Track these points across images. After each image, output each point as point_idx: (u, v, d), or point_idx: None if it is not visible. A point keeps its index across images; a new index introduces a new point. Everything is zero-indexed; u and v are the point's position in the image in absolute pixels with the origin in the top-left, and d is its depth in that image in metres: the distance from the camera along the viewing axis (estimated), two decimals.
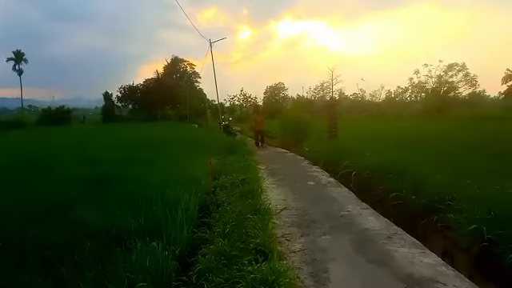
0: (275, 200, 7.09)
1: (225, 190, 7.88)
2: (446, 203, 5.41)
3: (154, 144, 14.31)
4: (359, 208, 6.42)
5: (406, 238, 4.86)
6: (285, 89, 64.14)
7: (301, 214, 6.14)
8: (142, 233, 4.75)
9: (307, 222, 5.65)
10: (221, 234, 5.16)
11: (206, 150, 13.21)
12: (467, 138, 12.73)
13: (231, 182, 8.40)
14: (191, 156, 10.84)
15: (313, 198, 7.25)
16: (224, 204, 6.83)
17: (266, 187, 8.29)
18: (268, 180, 9.15)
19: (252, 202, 6.18)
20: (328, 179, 9.19)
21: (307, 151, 13.44)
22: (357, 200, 7.05)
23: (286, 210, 6.36)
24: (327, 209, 6.40)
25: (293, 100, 57.56)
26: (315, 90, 54.40)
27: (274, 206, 6.55)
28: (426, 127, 19.80)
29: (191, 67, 64.78)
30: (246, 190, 7.38)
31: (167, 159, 10.09)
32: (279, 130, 20.18)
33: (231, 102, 62.98)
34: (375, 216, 5.92)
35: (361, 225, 5.49)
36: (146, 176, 7.35)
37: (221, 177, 9.07)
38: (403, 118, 36.23)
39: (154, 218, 5.17)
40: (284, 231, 5.27)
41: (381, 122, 28.62)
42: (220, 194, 7.58)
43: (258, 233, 4.72)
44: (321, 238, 4.97)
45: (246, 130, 34.15)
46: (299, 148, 15.13)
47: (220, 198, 7.23)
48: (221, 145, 15.71)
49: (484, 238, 4.23)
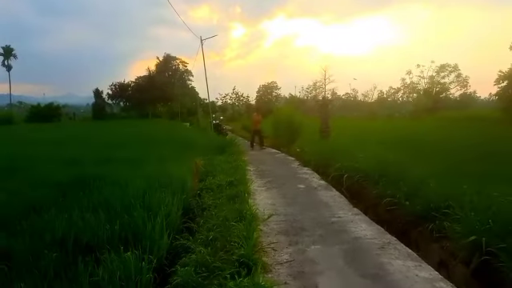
0: (263, 204, 6.77)
1: (211, 192, 7.55)
2: (442, 210, 5.13)
3: (141, 142, 13.90)
4: (351, 214, 6.11)
5: (401, 249, 4.55)
6: (277, 88, 63.91)
7: (289, 220, 5.81)
8: (116, 241, 4.40)
9: (296, 230, 5.33)
10: (204, 241, 4.84)
11: (194, 149, 12.86)
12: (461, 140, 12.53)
13: (218, 184, 8.07)
14: (179, 155, 10.47)
15: (302, 202, 6.93)
16: (210, 208, 6.51)
17: (254, 190, 7.98)
18: (257, 182, 8.83)
19: (238, 207, 5.85)
20: (319, 182, 8.88)
21: (298, 152, 13.12)
22: (348, 205, 6.74)
23: (274, 215, 6.03)
24: (317, 214, 6.09)
25: (285, 99, 57.30)
26: (308, 89, 54.19)
27: (261, 211, 6.24)
28: (419, 128, 19.62)
29: (183, 65, 64.05)
30: (233, 193, 7.06)
31: (153, 159, 9.71)
32: (270, 130, 19.85)
33: (223, 100, 62.57)
34: (368, 223, 5.61)
35: (353, 233, 5.18)
36: (128, 177, 6.97)
37: (208, 178, 8.73)
38: (395, 119, 36.18)
39: (131, 225, 4.81)
40: (271, 239, 4.94)
41: (373, 122, 28.45)
42: (206, 196, 7.25)
43: (243, 242, 4.40)
44: (310, 247, 4.65)
45: (237, 129, 33.86)
46: (290, 148, 14.82)
47: (206, 202, 6.90)
48: (210, 144, 15.35)
49: (483, 250, 3.94)
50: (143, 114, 51.07)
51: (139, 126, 26.92)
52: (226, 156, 12.69)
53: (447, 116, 29.26)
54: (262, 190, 8.10)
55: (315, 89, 53.05)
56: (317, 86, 52.23)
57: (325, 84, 48.25)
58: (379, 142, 11.25)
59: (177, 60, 64.52)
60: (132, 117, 50.40)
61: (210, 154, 12.43)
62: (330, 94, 49.75)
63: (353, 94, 55.07)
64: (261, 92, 63.82)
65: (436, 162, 7.85)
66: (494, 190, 5.29)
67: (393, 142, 11.21)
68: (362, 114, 41.93)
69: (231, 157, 12.35)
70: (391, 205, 6.05)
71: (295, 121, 17.08)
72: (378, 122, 29.09)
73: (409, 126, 21.97)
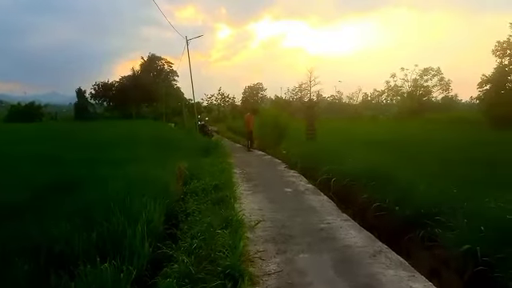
0: (250, 209, 6.56)
1: (196, 196, 7.32)
2: (433, 216, 5.01)
3: (124, 144, 13.51)
4: (340, 220, 5.95)
5: (392, 257, 4.40)
6: (263, 89, 63.82)
7: (277, 226, 5.62)
8: (93, 251, 4.13)
9: (284, 237, 5.13)
10: (188, 249, 4.61)
11: (179, 151, 12.55)
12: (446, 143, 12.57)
13: (203, 187, 7.84)
14: (162, 158, 10.17)
15: (290, 207, 6.74)
16: (194, 213, 6.27)
17: (240, 194, 7.77)
18: (243, 186, 8.61)
19: (224, 213, 5.63)
20: (306, 185, 8.71)
21: (285, 154, 12.96)
22: (337, 210, 6.59)
23: (262, 221, 5.83)
24: (306, 220, 5.91)
25: (271, 101, 57.22)
26: (293, 91, 54.22)
27: (248, 216, 6.03)
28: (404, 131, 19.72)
29: (169, 65, 63.47)
30: (219, 198, 6.85)
31: (136, 161, 9.40)
32: (256, 131, 19.64)
33: (208, 101, 62.14)
34: (357, 230, 5.46)
35: (342, 240, 5.01)
36: (108, 180, 6.66)
37: (192, 181, 8.49)
38: (380, 121, 36.47)
39: (110, 232, 4.54)
40: (258, 248, 4.73)
41: (358, 124, 28.55)
42: (190, 201, 7.02)
43: (229, 252, 4.19)
44: (299, 256, 4.46)
45: (223, 130, 33.59)
46: (277, 150, 14.64)
47: (190, 206, 6.66)
48: (195, 146, 15.07)
49: (478, 259, 3.81)
50: (127, 115, 50.31)
51: (122, 127, 26.38)
52: (211, 158, 12.46)
53: (431, 118, 29.64)
54: (249, 193, 7.89)
55: (301, 90, 53.14)
56: (302, 87, 52.36)
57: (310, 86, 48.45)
58: (366, 145, 11.18)
59: (162, 60, 63.89)
60: (115, 117, 49.60)
61: (194, 156, 12.16)
62: (315, 95, 49.92)
63: (338, 96, 55.41)
64: (247, 93, 63.63)
65: (423, 165, 7.78)
66: (483, 195, 5.23)
67: (379, 145, 11.15)
68: (347, 115, 42.15)
69: (217, 159, 12.12)
70: (380, 210, 5.93)
71: (281, 122, 16.93)
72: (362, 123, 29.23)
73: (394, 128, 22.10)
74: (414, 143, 11.64)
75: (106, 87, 57.78)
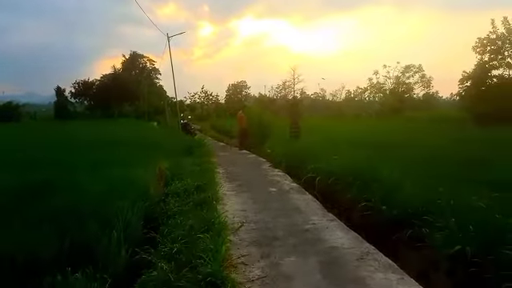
0: (233, 211, 6.36)
1: (177, 197, 7.07)
2: (420, 215, 4.90)
3: (104, 144, 13.10)
4: (325, 220, 5.80)
5: (380, 259, 4.26)
6: (247, 87, 63.56)
7: (261, 228, 5.43)
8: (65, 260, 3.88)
9: (268, 239, 4.95)
10: (167, 254, 4.38)
11: (161, 150, 12.24)
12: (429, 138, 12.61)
13: (185, 188, 7.60)
14: (143, 158, 9.86)
15: (275, 207, 6.57)
16: (175, 215, 6.04)
17: (223, 194, 7.56)
18: (226, 186, 8.40)
19: (206, 215, 5.42)
20: (291, 184, 8.56)
21: (269, 153, 12.78)
22: (322, 209, 6.44)
23: (245, 223, 5.65)
24: (290, 221, 5.73)
25: (255, 99, 57.03)
26: (277, 88, 54.14)
27: (231, 218, 5.83)
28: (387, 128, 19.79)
29: (151, 63, 62.63)
30: (201, 199, 6.63)
31: (115, 162, 9.08)
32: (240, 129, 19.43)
33: (191, 99, 61.57)
34: (343, 230, 5.31)
35: (328, 241, 4.85)
36: (84, 183, 6.36)
37: (174, 182, 8.23)
38: (362, 118, 36.68)
39: (83, 240, 4.28)
40: (241, 252, 4.53)
41: (341, 121, 28.62)
42: (171, 202, 6.76)
43: (210, 256, 3.98)
44: (284, 259, 4.28)
45: (206, 128, 33.26)
46: (261, 149, 14.46)
47: (171, 208, 6.42)
48: (178, 145, 14.76)
49: (468, 260, 3.70)
50: (108, 114, 49.38)
51: (102, 126, 25.84)
52: (194, 157, 12.19)
53: (413, 116, 29.94)
54: (232, 194, 7.69)
55: (284, 88, 53.11)
56: (286, 85, 52.34)
57: (294, 84, 48.47)
58: (349, 143, 11.09)
59: (144, 58, 63.02)
60: (96, 116, 48.65)
61: (177, 156, 11.87)
62: (298, 93, 49.96)
63: (321, 93, 55.55)
64: (230, 91, 63.29)
65: (408, 163, 7.70)
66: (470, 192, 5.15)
67: (363, 143, 11.08)
68: (331, 113, 42.29)
69: (199, 158, 11.87)
70: (367, 209, 5.80)
71: (265, 121, 16.77)
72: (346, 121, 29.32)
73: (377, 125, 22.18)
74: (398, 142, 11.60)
75: (87, 86, 56.64)
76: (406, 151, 9.57)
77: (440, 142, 11.69)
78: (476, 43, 24.89)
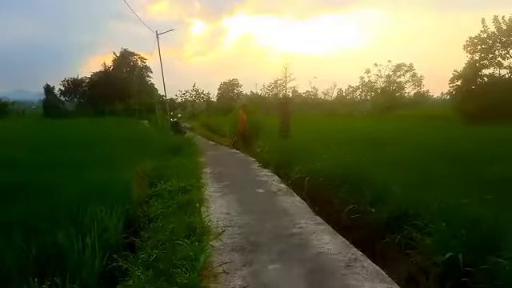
0: (217, 213, 6.13)
1: (161, 199, 6.83)
2: (410, 219, 4.72)
3: (89, 143, 12.77)
4: (313, 223, 5.59)
5: (368, 266, 4.06)
6: (239, 85, 63.17)
7: (246, 232, 5.20)
8: (31, 268, 3.63)
9: (252, 245, 4.72)
10: (146, 261, 4.15)
11: (149, 149, 11.96)
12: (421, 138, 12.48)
13: (170, 189, 7.37)
14: (130, 157, 9.60)
15: (261, 210, 6.35)
16: (157, 218, 5.81)
17: (209, 196, 7.33)
18: (212, 187, 8.17)
19: (188, 219, 5.19)
20: (279, 185, 8.34)
21: (258, 152, 12.56)
22: (310, 212, 6.23)
23: (229, 227, 5.42)
24: (277, 225, 5.52)
25: (246, 97, 56.70)
26: (269, 87, 53.87)
27: (215, 222, 5.61)
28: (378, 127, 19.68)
29: (142, 61, 62.03)
30: (185, 201, 6.40)
31: (100, 161, 8.81)
32: (230, 128, 19.18)
33: (182, 97, 61.07)
34: (331, 235, 5.11)
35: (315, 247, 4.64)
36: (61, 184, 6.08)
37: (159, 183, 7.98)
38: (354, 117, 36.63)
39: (54, 247, 4.03)
40: (223, 258, 4.31)
41: (333, 119, 28.49)
42: (155, 204, 6.53)
43: (189, 265, 3.76)
44: (267, 267, 4.06)
45: (197, 126, 32.93)
46: (251, 148, 14.23)
47: (154, 211, 6.19)
48: (166, 144, 14.46)
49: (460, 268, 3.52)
50: (99, 112, 48.81)
51: (91, 124, 25.43)
52: (181, 157, 11.92)
53: (404, 114, 29.92)
54: (218, 195, 7.45)
55: (276, 87, 52.88)
56: (278, 83, 52.11)
57: (286, 82, 48.27)
58: (340, 142, 10.90)
59: (135, 56, 62.40)
60: (86, 114, 47.96)
61: (164, 155, 11.60)
62: (290, 91, 49.78)
63: (313, 92, 55.31)
64: (222, 89, 62.89)
65: (399, 163, 7.53)
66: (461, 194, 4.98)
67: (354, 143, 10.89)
68: (323, 111, 42.18)
69: (187, 158, 11.61)
70: (355, 212, 5.62)
71: (256, 119, 16.55)
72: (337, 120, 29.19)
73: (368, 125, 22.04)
74: (388, 140, 11.44)
75: (76, 83, 56.08)
76: (396, 150, 9.41)
77: (431, 140, 11.56)
78: (467, 42, 24.86)
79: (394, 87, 46.16)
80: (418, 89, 47.81)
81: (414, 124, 20.14)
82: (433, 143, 10.79)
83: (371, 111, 40.43)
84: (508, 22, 23.65)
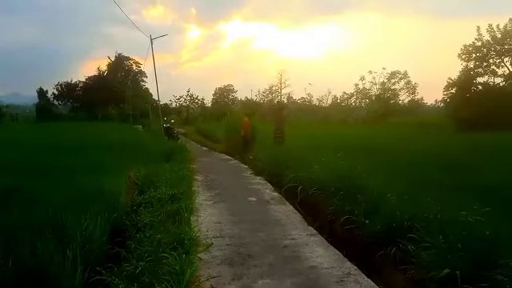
0: (207, 223, 5.95)
1: (150, 208, 6.62)
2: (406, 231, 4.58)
3: (79, 148, 12.53)
4: (306, 234, 5.42)
5: (362, 281, 3.89)
6: (234, 91, 63.15)
7: (236, 243, 5.02)
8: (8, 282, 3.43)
9: (242, 257, 4.54)
10: (131, 274, 3.96)
11: (140, 155, 11.75)
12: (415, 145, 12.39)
13: (160, 197, 7.16)
14: (120, 163, 9.40)
15: (253, 219, 6.17)
16: (145, 228, 5.61)
17: (200, 204, 7.14)
18: (203, 195, 7.97)
19: (176, 230, 4.99)
20: (272, 194, 8.17)
21: (251, 159, 12.38)
22: (303, 222, 6.06)
23: (220, 238, 5.24)
24: (268, 235, 5.34)
25: (241, 102, 56.63)
26: (264, 93, 53.86)
27: (204, 232, 5.42)
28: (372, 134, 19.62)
29: (137, 66, 61.89)
30: (175, 210, 6.21)
31: (90, 167, 8.60)
32: (224, 134, 19.01)
33: (177, 102, 60.91)
34: (324, 246, 4.94)
35: (307, 260, 4.47)
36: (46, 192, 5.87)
37: (149, 190, 7.77)
38: (349, 123, 36.65)
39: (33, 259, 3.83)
40: (212, 272, 4.12)
41: (327, 126, 28.45)
42: (143, 213, 6.32)
43: (175, 279, 3.58)
44: (257, 282, 3.88)
45: (191, 132, 32.75)
46: (244, 155, 14.04)
47: (142, 220, 5.98)
48: (158, 150, 14.25)
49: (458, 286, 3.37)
50: (92, 116, 48.46)
51: (84, 129, 25.16)
52: (173, 163, 11.71)
53: (399, 122, 29.93)
54: (209, 204, 7.26)
55: (271, 93, 52.89)
56: (273, 90, 52.14)
57: (281, 88, 48.29)
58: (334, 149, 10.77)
59: (130, 60, 62.23)
60: (80, 118, 47.65)
61: (156, 161, 11.39)
62: (285, 98, 49.79)
63: (308, 98, 55.35)
64: (217, 95, 62.82)
65: (393, 172, 7.41)
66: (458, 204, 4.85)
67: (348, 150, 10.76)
68: (317, 118, 42.17)
69: (179, 164, 11.40)
70: (349, 223, 5.46)
71: None
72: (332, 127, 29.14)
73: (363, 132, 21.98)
74: (383, 148, 11.33)
75: (70, 87, 55.73)
76: (391, 158, 9.30)
77: (426, 147, 11.48)
78: (461, 50, 25.00)
79: (389, 94, 46.23)
80: (413, 96, 47.94)
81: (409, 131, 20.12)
82: (428, 151, 10.70)
83: (366, 118, 40.45)
84: (502, 31, 23.80)
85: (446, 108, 28.05)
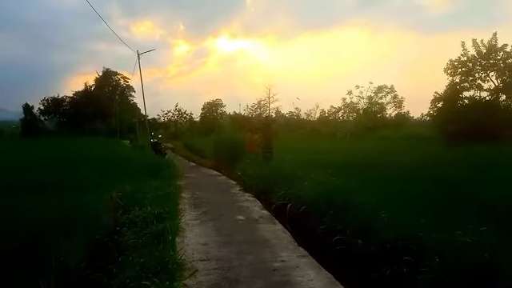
0: (194, 244, 5.69)
1: (134, 227, 6.34)
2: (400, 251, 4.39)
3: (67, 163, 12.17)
4: (296, 256, 5.20)
5: None
6: (222, 105, 63.11)
7: (223, 267, 4.77)
8: None
9: (229, 282, 4.30)
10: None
11: (126, 172, 11.43)
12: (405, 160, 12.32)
13: (144, 216, 6.87)
14: (105, 180, 9.10)
15: (241, 240, 5.92)
16: (128, 250, 5.33)
17: (186, 224, 6.88)
18: (190, 214, 7.71)
19: (160, 253, 4.73)
20: (261, 212, 7.94)
21: (240, 175, 12.14)
22: (293, 243, 5.83)
23: (206, 261, 4.98)
24: (257, 258, 5.10)
25: (229, 117, 56.51)
26: (252, 107, 53.87)
27: (190, 254, 5.17)
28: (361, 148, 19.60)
29: (125, 81, 61.61)
30: (160, 230, 5.95)
31: (73, 185, 8.30)
32: (212, 149, 18.74)
33: (165, 117, 60.58)
34: (315, 269, 4.72)
35: (299, 285, 4.25)
36: (22, 213, 5.57)
37: (134, 209, 7.48)
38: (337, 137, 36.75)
39: None
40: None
41: (316, 140, 28.44)
42: (127, 234, 6.04)
43: None
44: None
45: (179, 147, 32.40)
46: (233, 170, 13.79)
47: (125, 241, 5.71)
48: (145, 166, 13.93)
49: None
50: (79, 131, 47.77)
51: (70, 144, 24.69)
52: (160, 180, 11.42)
53: (386, 135, 30.08)
54: (196, 223, 7.00)
55: (260, 107, 52.91)
56: (261, 104, 52.18)
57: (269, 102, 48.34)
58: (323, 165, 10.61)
59: (118, 75, 61.96)
60: (67, 134, 46.89)
61: (141, 178, 11.07)
62: (274, 112, 49.82)
63: (296, 112, 55.50)
64: (206, 109, 62.67)
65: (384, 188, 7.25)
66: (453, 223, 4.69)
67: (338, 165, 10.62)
68: (306, 132, 42.23)
69: (166, 181, 11.12)
70: (341, 243, 5.26)
71: (237, 141, 16.17)
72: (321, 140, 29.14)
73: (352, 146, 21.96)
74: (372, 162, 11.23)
75: (57, 102, 55.00)
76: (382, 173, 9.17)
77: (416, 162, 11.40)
78: (447, 65, 25.33)
79: (376, 108, 46.65)
80: (399, 110, 48.44)
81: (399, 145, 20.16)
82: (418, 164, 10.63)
83: (354, 132, 40.65)
84: (487, 46, 24.21)
85: (432, 122, 28.29)
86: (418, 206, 5.72)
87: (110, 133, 49.53)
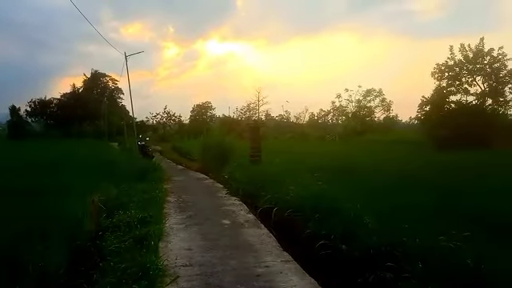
0: (177, 249, 5.61)
1: (118, 232, 6.23)
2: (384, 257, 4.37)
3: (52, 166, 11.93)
4: (280, 261, 5.15)
5: None
6: (212, 108, 63.03)
7: (206, 273, 4.69)
8: None
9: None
10: None
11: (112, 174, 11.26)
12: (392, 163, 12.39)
13: (128, 220, 6.77)
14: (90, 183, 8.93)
15: (225, 245, 5.85)
16: (111, 255, 5.22)
17: (170, 228, 6.78)
18: (175, 218, 7.62)
19: (142, 259, 4.65)
20: (247, 216, 7.88)
21: (227, 178, 12.07)
22: (278, 247, 5.78)
23: (189, 266, 4.91)
24: (241, 263, 5.04)
25: (219, 119, 56.44)
26: (242, 110, 53.90)
27: (173, 259, 5.08)
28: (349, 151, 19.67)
29: (114, 82, 61.09)
30: (143, 234, 5.87)
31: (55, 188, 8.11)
32: (200, 152, 18.62)
33: (154, 119, 60.25)
34: (299, 274, 4.67)
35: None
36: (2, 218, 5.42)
37: (118, 213, 7.36)
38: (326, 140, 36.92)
39: None
40: None
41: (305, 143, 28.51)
42: (110, 238, 5.93)
43: None
44: None
45: (167, 150, 32.20)
46: (220, 174, 13.71)
47: (108, 246, 5.60)
48: (131, 169, 13.76)
49: None
50: (67, 133, 47.21)
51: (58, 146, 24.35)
52: (146, 183, 11.29)
53: (375, 139, 30.30)
54: (180, 228, 6.90)
55: (249, 110, 52.97)
56: (251, 107, 52.24)
57: (259, 105, 48.43)
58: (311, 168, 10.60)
59: (106, 77, 61.43)
60: (54, 136, 46.29)
61: (127, 181, 10.93)
62: (263, 115, 49.91)
63: (286, 115, 55.66)
64: (195, 112, 62.50)
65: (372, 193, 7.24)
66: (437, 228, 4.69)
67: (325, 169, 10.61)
68: (295, 135, 42.37)
69: (152, 184, 11.00)
70: (326, 248, 5.22)
71: (226, 143, 16.10)
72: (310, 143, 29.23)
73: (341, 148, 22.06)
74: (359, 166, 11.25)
75: (44, 104, 54.30)
76: (368, 176, 9.19)
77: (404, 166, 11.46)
78: (434, 69, 25.66)
79: (365, 112, 46.99)
80: (388, 113, 48.92)
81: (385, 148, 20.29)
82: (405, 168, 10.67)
83: (342, 135, 40.89)
84: (474, 50, 24.55)
85: (420, 125, 28.61)
86: (403, 210, 5.72)
87: (99, 135, 49.05)
